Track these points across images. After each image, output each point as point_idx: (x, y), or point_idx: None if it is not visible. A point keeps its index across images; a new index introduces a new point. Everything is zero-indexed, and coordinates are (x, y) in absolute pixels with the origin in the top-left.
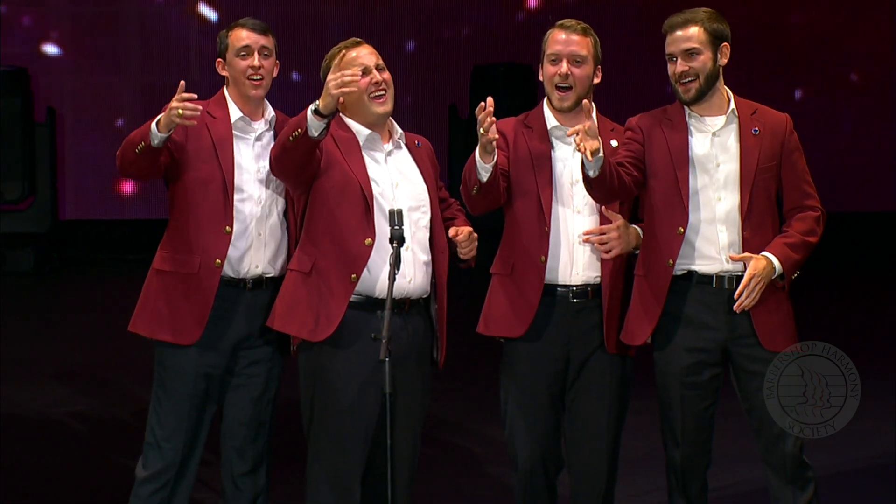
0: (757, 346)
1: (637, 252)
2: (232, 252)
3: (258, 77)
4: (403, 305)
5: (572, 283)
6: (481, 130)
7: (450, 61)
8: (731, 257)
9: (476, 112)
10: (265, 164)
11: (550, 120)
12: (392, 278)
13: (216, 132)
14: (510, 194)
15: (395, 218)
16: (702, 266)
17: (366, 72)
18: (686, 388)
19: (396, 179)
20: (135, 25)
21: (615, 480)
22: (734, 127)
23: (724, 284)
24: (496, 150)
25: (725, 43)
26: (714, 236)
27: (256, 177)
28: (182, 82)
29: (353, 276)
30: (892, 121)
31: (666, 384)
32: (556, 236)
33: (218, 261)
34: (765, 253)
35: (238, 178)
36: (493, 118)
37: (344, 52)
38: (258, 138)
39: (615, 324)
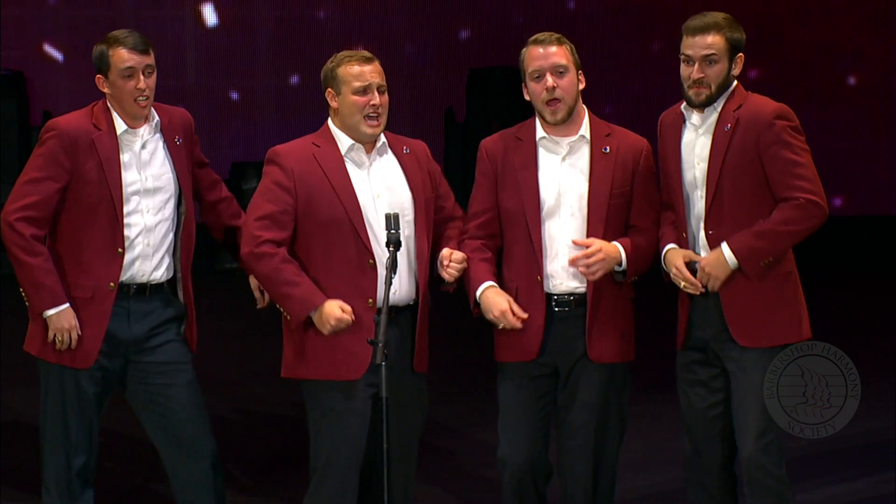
0: (729, 343)
1: (620, 268)
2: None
3: (144, 98)
4: (390, 313)
5: (556, 292)
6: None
7: (446, 64)
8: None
9: (507, 316)
10: (152, 173)
11: (539, 131)
12: (388, 282)
13: (102, 149)
14: (503, 218)
15: (392, 222)
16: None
17: (367, 90)
18: (686, 384)
19: (378, 190)
20: (133, 28)
21: (611, 490)
22: (713, 123)
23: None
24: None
25: (741, 54)
26: (693, 235)
27: (143, 186)
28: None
29: (370, 300)
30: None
31: (677, 379)
32: (546, 250)
33: (112, 284)
34: (722, 244)
35: (126, 192)
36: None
37: (354, 63)
38: (143, 146)
39: (601, 333)
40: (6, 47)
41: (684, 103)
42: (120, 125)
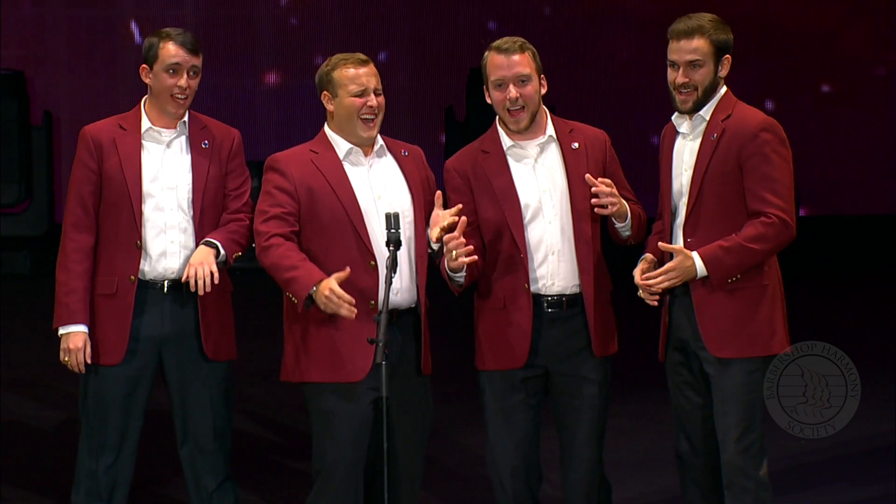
0: (704, 349)
1: (625, 224)
2: (144, 261)
3: (182, 97)
4: (391, 316)
5: (548, 294)
6: (452, 255)
7: (446, 63)
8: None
9: (446, 241)
10: (172, 172)
11: (505, 140)
12: (389, 282)
13: (123, 148)
14: (482, 230)
15: (392, 221)
16: None
17: (364, 93)
18: (675, 386)
19: (378, 192)
20: (131, 28)
21: (608, 488)
22: (700, 132)
23: (685, 283)
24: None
25: (727, 55)
26: (675, 243)
27: (166, 184)
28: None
29: (372, 302)
30: (890, 124)
31: (668, 381)
32: (532, 254)
33: (132, 277)
34: (693, 252)
35: (147, 188)
36: (463, 241)
37: (349, 66)
38: (168, 145)
39: (599, 329)
40: (6, 47)
41: (675, 113)
42: (145, 123)
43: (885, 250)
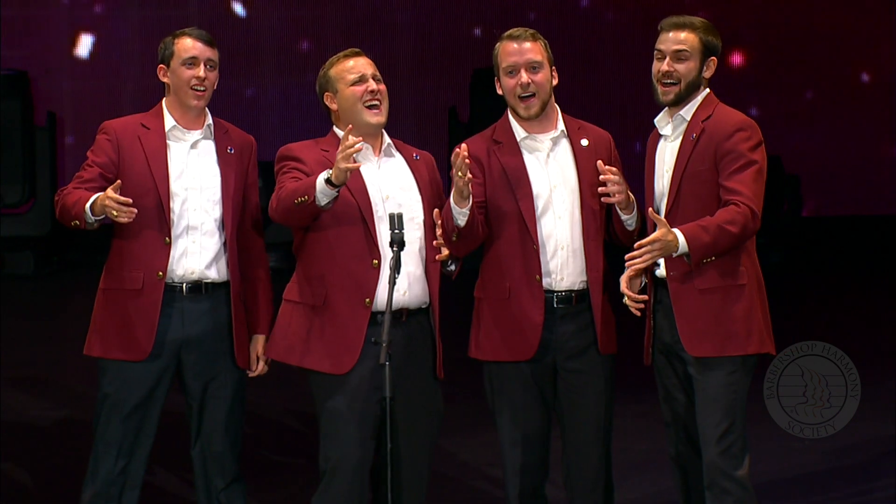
0: (685, 351)
1: (631, 216)
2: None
3: (202, 88)
4: (400, 315)
5: (557, 289)
6: (458, 174)
7: (450, 64)
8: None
9: (452, 159)
10: (199, 173)
11: (519, 132)
12: (392, 282)
13: (148, 144)
14: (491, 217)
15: (396, 221)
16: (656, 270)
17: (362, 80)
18: (665, 390)
19: (387, 191)
20: (135, 28)
21: (612, 486)
22: (681, 132)
23: (665, 285)
24: (471, 195)
25: (713, 57)
26: None
27: (191, 184)
28: (118, 182)
29: (367, 300)
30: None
31: (658, 385)
32: (542, 247)
33: (160, 273)
34: (675, 229)
35: (172, 187)
36: (469, 161)
37: (344, 60)
38: (193, 146)
39: (605, 325)
40: (9, 47)
41: (658, 115)
42: (169, 122)
43: (885, 250)
